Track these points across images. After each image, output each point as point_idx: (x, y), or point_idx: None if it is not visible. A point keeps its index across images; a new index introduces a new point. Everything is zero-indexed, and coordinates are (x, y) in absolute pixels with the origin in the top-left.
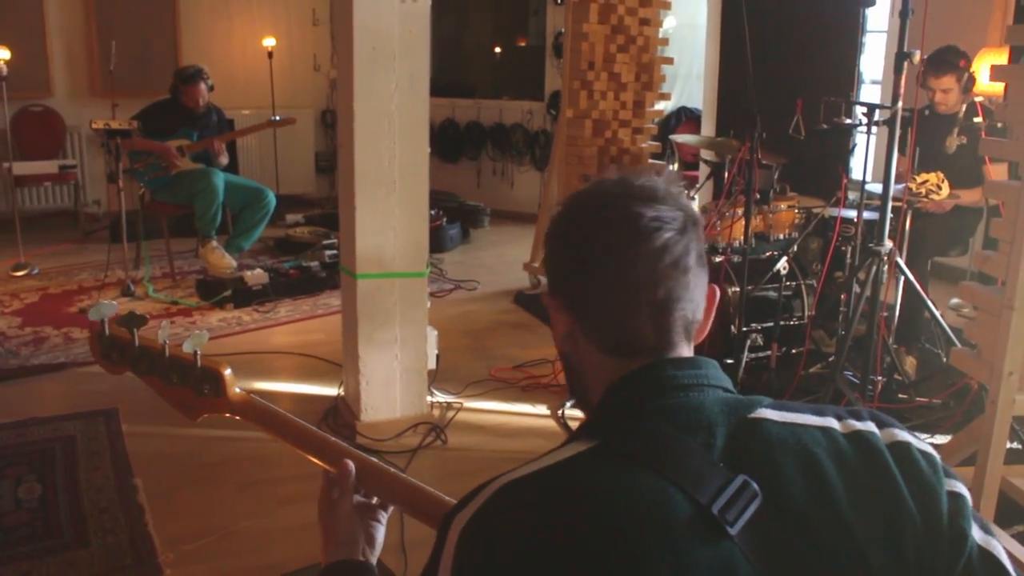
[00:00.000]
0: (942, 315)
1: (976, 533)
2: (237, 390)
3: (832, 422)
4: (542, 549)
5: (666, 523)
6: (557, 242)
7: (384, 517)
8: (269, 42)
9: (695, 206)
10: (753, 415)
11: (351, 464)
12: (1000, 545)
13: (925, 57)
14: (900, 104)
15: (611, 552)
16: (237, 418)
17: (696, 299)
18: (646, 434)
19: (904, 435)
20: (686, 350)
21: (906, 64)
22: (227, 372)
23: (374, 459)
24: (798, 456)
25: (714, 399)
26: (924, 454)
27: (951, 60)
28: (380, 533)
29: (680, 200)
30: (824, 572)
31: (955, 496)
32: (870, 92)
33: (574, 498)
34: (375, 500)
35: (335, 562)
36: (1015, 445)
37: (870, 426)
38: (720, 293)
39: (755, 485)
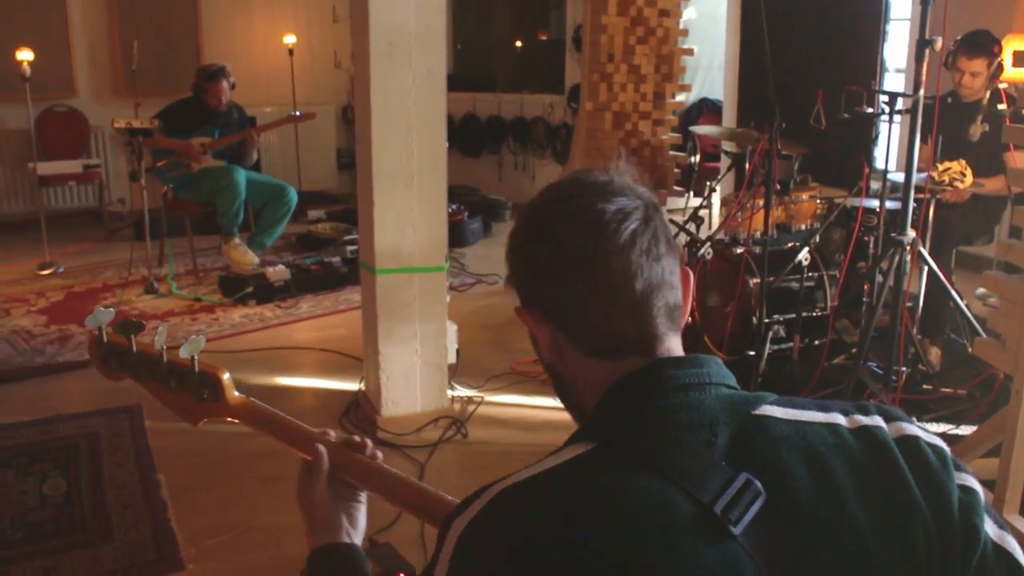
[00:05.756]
0: (968, 305)
1: (990, 528)
2: (236, 394)
3: (838, 418)
4: (539, 557)
5: (668, 525)
6: (523, 253)
7: (363, 497)
8: (290, 39)
9: (650, 193)
10: (757, 412)
11: (322, 448)
12: (1015, 542)
13: (959, 37)
14: (922, 92)
15: (612, 558)
16: (237, 422)
17: (674, 284)
18: (645, 434)
19: (912, 428)
20: (674, 339)
21: (927, 52)
22: (225, 376)
23: (361, 453)
24: (804, 454)
25: (716, 397)
26: (933, 447)
27: (986, 44)
28: (362, 514)
29: (636, 188)
30: (831, 570)
31: (967, 490)
32: (894, 80)
33: (572, 503)
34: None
35: (320, 546)
36: None
37: (877, 420)
38: (740, 284)
39: (758, 484)
